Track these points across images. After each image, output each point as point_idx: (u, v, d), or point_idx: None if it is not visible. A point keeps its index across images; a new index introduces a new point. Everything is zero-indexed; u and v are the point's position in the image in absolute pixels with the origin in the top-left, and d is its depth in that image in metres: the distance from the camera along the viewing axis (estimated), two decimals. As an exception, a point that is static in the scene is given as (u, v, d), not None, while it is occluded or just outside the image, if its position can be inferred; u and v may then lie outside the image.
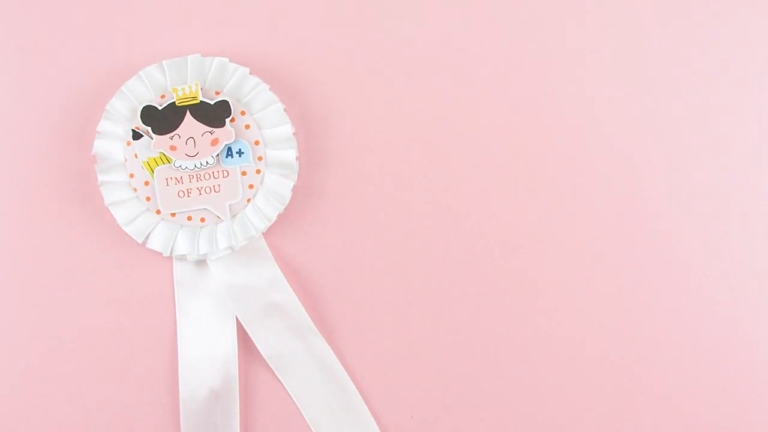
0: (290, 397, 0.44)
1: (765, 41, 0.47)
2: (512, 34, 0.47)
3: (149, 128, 0.43)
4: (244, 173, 0.44)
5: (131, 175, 0.44)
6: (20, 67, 0.46)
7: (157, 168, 0.43)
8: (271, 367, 0.44)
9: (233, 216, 0.44)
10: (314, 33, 0.47)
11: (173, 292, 0.44)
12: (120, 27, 0.46)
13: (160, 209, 0.43)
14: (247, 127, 0.44)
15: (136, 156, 0.43)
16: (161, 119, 0.43)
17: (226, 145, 0.43)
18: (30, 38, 0.46)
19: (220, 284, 0.44)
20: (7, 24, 0.46)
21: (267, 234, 0.45)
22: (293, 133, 0.44)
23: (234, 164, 0.44)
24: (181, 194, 0.43)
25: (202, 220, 0.44)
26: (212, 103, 0.43)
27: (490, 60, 0.46)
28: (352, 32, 0.47)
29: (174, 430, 0.44)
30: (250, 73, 0.44)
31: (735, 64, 0.46)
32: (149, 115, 0.43)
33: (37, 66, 0.46)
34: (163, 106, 0.43)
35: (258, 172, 0.44)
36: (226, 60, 0.44)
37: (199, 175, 0.44)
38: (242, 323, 0.44)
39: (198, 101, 0.43)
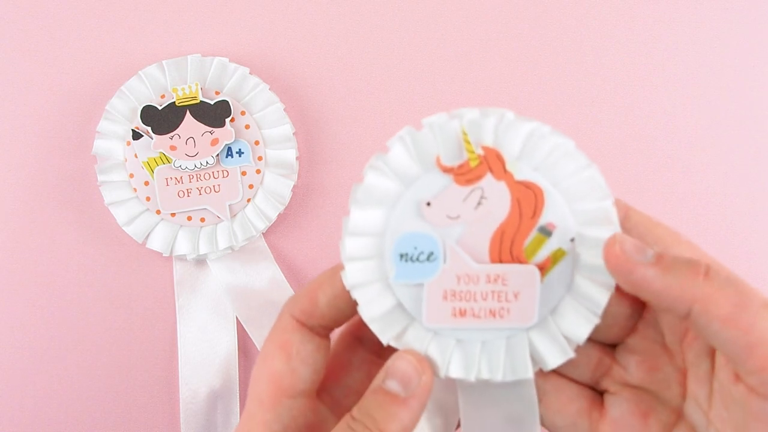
0: (290, 397, 0.44)
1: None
2: (513, 34, 0.47)
3: (149, 128, 0.43)
4: (244, 173, 0.44)
5: (131, 175, 0.44)
6: (21, 67, 0.46)
7: (157, 168, 0.43)
8: (271, 367, 0.44)
9: (233, 216, 0.44)
10: (314, 33, 0.47)
11: (173, 292, 0.44)
12: (120, 27, 0.46)
13: (160, 209, 0.43)
14: (247, 127, 0.44)
15: (136, 156, 0.44)
16: (161, 119, 0.43)
17: (226, 145, 0.43)
18: (30, 39, 0.46)
19: (220, 284, 0.44)
20: (7, 25, 0.46)
21: (267, 234, 0.45)
22: (293, 133, 0.44)
23: (234, 164, 0.44)
24: (181, 194, 0.43)
25: (202, 220, 0.44)
26: (212, 103, 0.43)
27: (491, 60, 0.46)
28: (353, 32, 0.47)
29: (174, 430, 0.44)
30: (250, 73, 0.44)
31: (739, 62, 0.46)
32: (149, 115, 0.43)
33: (38, 66, 0.46)
34: (163, 106, 0.43)
35: (258, 172, 0.44)
36: (226, 60, 0.44)
37: (199, 175, 0.44)
38: (242, 323, 0.44)
39: (198, 101, 0.43)
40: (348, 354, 0.32)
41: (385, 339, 0.29)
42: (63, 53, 0.46)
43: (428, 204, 0.30)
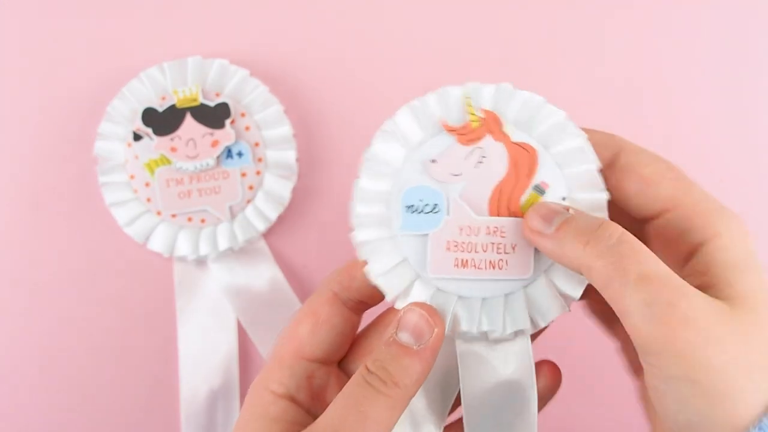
0: (290, 397, 0.44)
1: None
2: (515, 34, 0.47)
3: (150, 130, 0.43)
4: (244, 174, 0.44)
5: (132, 176, 0.44)
6: (22, 69, 0.46)
7: (158, 169, 0.44)
8: (271, 367, 0.44)
9: (233, 217, 0.44)
10: (315, 35, 0.47)
11: (174, 293, 0.45)
12: (121, 29, 0.47)
13: (161, 210, 0.44)
14: (247, 128, 0.44)
15: (137, 157, 0.44)
16: (162, 121, 0.43)
17: (226, 146, 0.44)
18: (31, 40, 0.46)
19: (220, 285, 0.44)
20: (9, 27, 0.46)
21: (267, 234, 0.45)
22: (293, 135, 0.45)
23: (234, 165, 0.44)
24: (182, 195, 0.44)
25: (203, 221, 0.44)
26: (212, 104, 0.44)
27: (492, 61, 0.46)
28: (353, 35, 0.47)
29: (174, 430, 0.44)
30: (251, 75, 0.45)
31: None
32: (150, 116, 0.43)
33: (39, 68, 0.46)
34: (163, 108, 0.44)
35: (258, 173, 0.44)
36: (227, 62, 0.44)
37: (199, 177, 0.44)
38: (242, 323, 0.44)
39: (198, 103, 0.44)
40: (376, 335, 0.34)
41: (390, 296, 0.31)
42: (64, 55, 0.46)
43: (433, 161, 0.32)
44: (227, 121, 0.44)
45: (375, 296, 0.32)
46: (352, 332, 0.34)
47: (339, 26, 0.47)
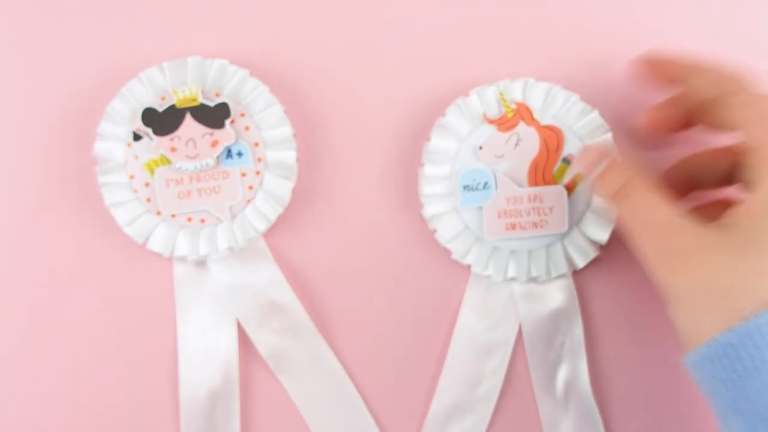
0: (290, 397, 0.44)
1: None
2: (515, 30, 0.47)
3: (150, 130, 0.43)
4: (243, 174, 0.44)
5: (132, 177, 0.44)
6: (21, 68, 0.46)
7: (158, 169, 0.44)
8: (271, 367, 0.44)
9: (233, 217, 0.44)
10: (315, 35, 0.47)
11: (173, 293, 0.45)
12: (121, 29, 0.47)
13: (161, 210, 0.44)
14: (247, 128, 0.44)
15: (136, 157, 0.44)
16: (162, 121, 0.43)
17: (226, 146, 0.44)
18: (31, 41, 0.46)
19: (220, 285, 0.44)
20: (8, 26, 0.46)
21: (267, 234, 0.45)
22: (293, 135, 0.44)
23: (234, 165, 0.44)
24: (182, 195, 0.44)
25: (202, 221, 0.44)
26: (212, 105, 0.44)
27: (492, 61, 0.46)
28: (353, 34, 0.47)
29: (174, 430, 0.44)
30: (250, 75, 0.45)
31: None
32: (150, 116, 0.43)
33: (38, 67, 0.46)
34: (163, 108, 0.44)
35: (258, 173, 0.44)
36: (227, 62, 0.44)
37: (199, 177, 0.44)
38: (242, 323, 0.44)
39: (198, 103, 0.44)
40: None
41: (456, 255, 0.42)
42: (64, 55, 0.46)
43: (480, 148, 0.42)
44: (227, 121, 0.44)
45: None
46: None
47: (339, 26, 0.47)
